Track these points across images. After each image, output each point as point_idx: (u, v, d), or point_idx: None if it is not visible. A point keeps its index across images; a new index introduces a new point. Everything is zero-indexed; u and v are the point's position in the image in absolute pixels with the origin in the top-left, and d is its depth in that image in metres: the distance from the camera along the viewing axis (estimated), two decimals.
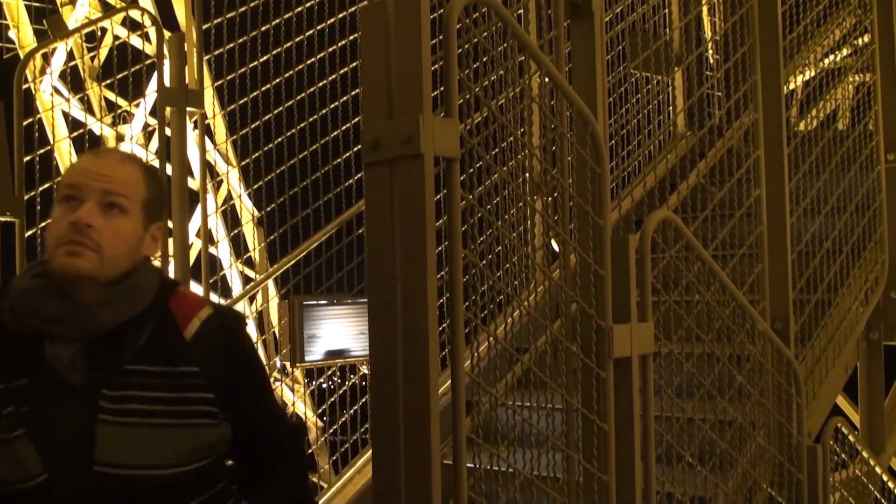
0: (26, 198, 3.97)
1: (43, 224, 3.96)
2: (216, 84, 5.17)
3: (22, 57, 4.54)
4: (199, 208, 4.80)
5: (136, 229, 1.79)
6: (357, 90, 5.16)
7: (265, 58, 5.08)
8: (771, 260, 3.88)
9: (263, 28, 5.10)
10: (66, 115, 5.57)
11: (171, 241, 4.37)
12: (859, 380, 5.25)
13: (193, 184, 5.05)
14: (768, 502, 3.49)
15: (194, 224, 5.18)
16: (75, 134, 4.93)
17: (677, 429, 3.10)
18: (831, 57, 5.46)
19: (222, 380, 1.82)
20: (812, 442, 3.79)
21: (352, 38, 5.30)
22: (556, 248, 3.41)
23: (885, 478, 5.07)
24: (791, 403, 3.62)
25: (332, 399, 5.38)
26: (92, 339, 1.73)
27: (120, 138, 6.04)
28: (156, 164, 4.44)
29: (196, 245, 5.31)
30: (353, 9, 5.33)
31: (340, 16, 5.35)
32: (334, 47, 5.26)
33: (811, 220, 4.46)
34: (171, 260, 4.35)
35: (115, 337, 1.75)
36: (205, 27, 4.81)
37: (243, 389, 1.88)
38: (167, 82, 4.41)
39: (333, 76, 5.26)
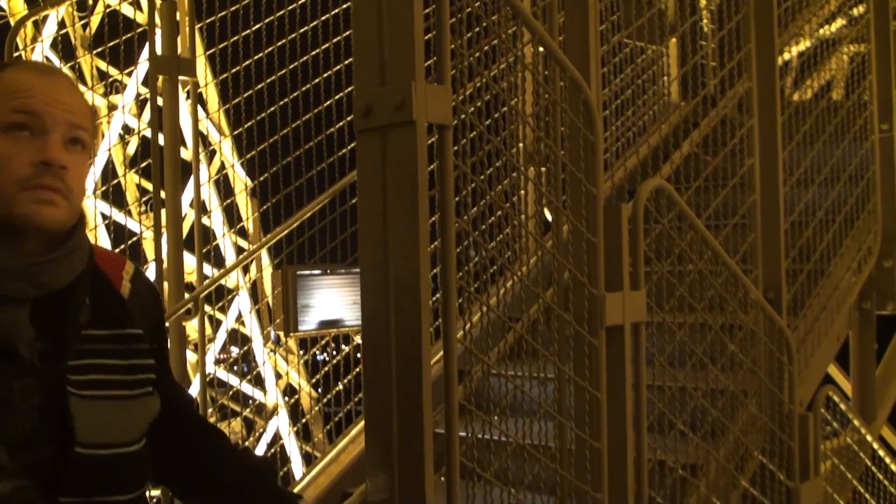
0: None
1: None
2: (208, 52, 5.14)
3: (12, 25, 4.50)
4: (191, 178, 4.78)
5: (89, 170, 1.56)
6: (351, 59, 5.13)
7: (258, 26, 5.05)
8: (764, 229, 3.88)
9: None
10: None
11: (163, 211, 4.35)
12: (851, 349, 5.27)
13: (186, 154, 5.03)
14: (759, 470, 3.51)
15: (187, 194, 5.16)
16: None
17: (669, 397, 3.11)
18: (826, 27, 5.44)
19: (153, 343, 1.63)
20: (804, 410, 3.81)
21: (345, 5, 5.26)
22: (549, 217, 3.41)
23: (875, 446, 5.10)
24: (783, 372, 3.63)
25: (326, 369, 5.39)
26: (38, 301, 1.46)
27: (112, 107, 6.01)
28: (148, 133, 4.42)
29: (189, 215, 5.30)
30: None
31: None
32: (328, 15, 5.23)
33: (804, 190, 4.46)
34: (164, 231, 4.34)
35: (60, 297, 1.48)
36: None
37: (163, 354, 1.73)
38: (159, 51, 4.38)
39: (327, 45, 5.23)
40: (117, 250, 4.76)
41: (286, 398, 7.03)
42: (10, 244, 1.43)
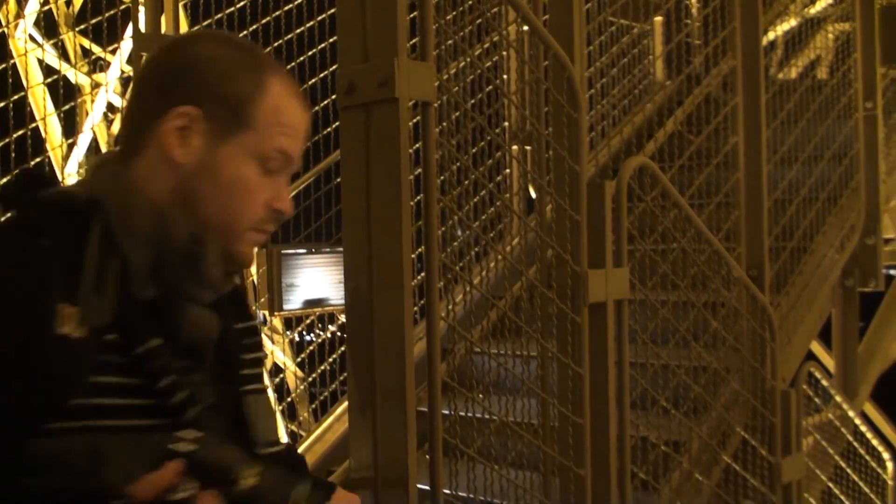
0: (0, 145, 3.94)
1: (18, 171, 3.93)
2: (192, 30, 5.10)
3: None
4: None
5: None
6: (335, 37, 5.10)
7: (242, 3, 5.02)
8: (747, 207, 3.90)
9: None
10: (40, 61, 5.49)
11: None
12: (833, 326, 5.31)
13: None
14: (742, 445, 3.54)
15: None
16: (49, 80, 4.88)
17: (652, 374, 3.13)
18: (811, 6, 5.45)
19: None
20: (786, 386, 3.84)
21: None
22: (534, 195, 3.41)
23: (857, 422, 5.15)
24: (765, 349, 3.66)
25: (311, 348, 5.40)
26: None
27: (96, 86, 5.97)
28: None
29: None
30: None
31: None
32: None
33: (788, 168, 4.48)
34: None
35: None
36: None
37: None
38: (142, 28, 4.35)
39: (312, 22, 5.21)
40: None
41: (272, 378, 7.04)
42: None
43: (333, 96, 5.04)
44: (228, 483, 1.10)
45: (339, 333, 5.26)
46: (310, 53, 5.19)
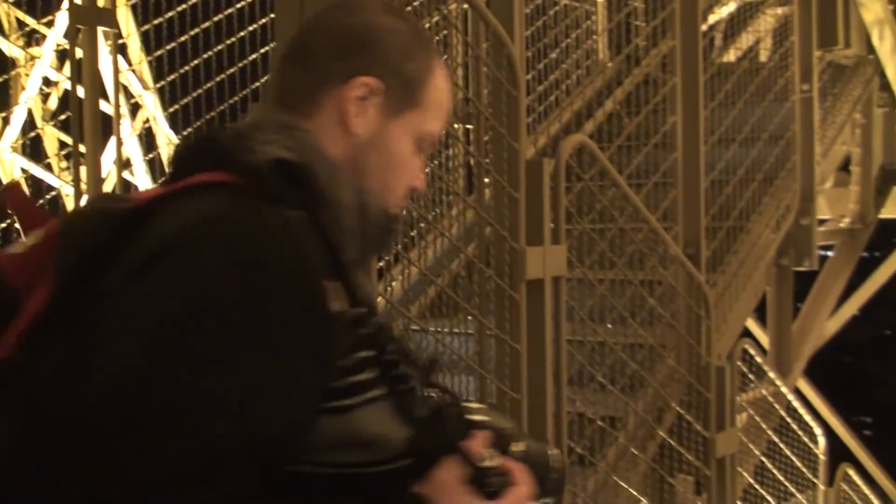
0: None
1: None
2: (130, 2, 5.02)
3: None
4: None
5: None
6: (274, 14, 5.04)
7: None
8: (684, 187, 3.94)
9: None
10: None
11: (83, 169, 4.26)
12: (768, 304, 5.40)
13: (108, 108, 4.92)
14: (677, 421, 3.61)
15: (111, 149, 5.06)
16: None
17: (589, 351, 3.17)
18: None
19: None
20: (721, 363, 3.91)
21: None
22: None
23: (790, 398, 5.27)
24: (701, 326, 3.71)
25: None
26: None
27: (31, 59, 5.85)
28: (67, 85, 4.31)
29: (112, 171, 5.20)
30: None
31: None
32: None
33: (725, 149, 4.54)
34: (84, 187, 4.26)
35: None
36: None
37: None
38: (78, 0, 4.27)
39: None
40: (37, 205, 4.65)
41: None
42: None
43: None
44: (506, 450, 1.12)
45: None
46: (251, 28, 5.13)
